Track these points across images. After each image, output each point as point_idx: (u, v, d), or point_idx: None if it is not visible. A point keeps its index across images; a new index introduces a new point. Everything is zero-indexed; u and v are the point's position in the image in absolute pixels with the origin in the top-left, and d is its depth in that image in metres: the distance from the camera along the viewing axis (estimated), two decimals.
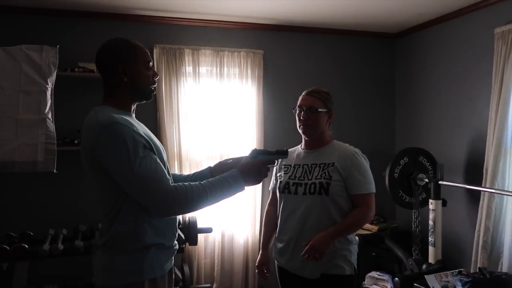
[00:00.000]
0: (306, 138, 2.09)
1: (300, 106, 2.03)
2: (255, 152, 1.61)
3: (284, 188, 2.07)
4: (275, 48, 3.79)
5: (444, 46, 3.55)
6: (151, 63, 1.60)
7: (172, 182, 1.48)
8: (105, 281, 1.49)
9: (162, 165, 1.46)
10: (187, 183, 1.49)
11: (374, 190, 1.99)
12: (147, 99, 1.60)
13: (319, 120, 2.01)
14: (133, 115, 1.59)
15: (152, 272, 1.50)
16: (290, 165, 2.11)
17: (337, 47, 3.99)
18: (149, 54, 1.60)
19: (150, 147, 1.46)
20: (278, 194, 2.13)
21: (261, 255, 2.22)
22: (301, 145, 2.15)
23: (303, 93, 2.07)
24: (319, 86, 2.10)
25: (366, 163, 2.01)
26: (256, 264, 2.23)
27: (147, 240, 1.48)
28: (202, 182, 1.50)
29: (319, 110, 1.99)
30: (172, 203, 1.43)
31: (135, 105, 1.60)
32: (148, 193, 1.41)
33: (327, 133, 2.09)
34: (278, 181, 2.13)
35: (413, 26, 3.81)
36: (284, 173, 2.11)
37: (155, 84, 1.61)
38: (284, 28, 3.76)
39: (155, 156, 1.45)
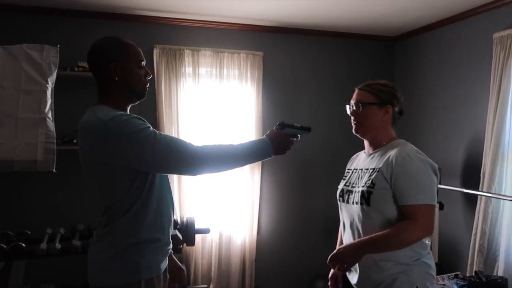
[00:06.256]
0: (362, 138, 1.84)
1: (350, 103, 1.81)
2: (282, 125, 1.66)
3: (339, 195, 1.85)
4: (274, 50, 3.79)
5: (443, 50, 3.56)
6: (143, 62, 1.56)
7: None
8: (102, 281, 1.49)
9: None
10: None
11: (426, 201, 1.61)
12: (140, 98, 1.57)
13: (368, 116, 1.73)
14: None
15: (149, 272, 1.50)
16: (350, 170, 1.90)
17: (337, 50, 4.00)
18: (141, 53, 1.57)
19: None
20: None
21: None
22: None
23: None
24: (377, 79, 1.82)
25: (421, 168, 1.66)
26: (329, 276, 1.95)
27: (143, 234, 1.47)
28: (231, 143, 1.53)
29: (366, 103, 1.73)
30: (201, 158, 1.44)
31: (129, 106, 1.58)
32: (175, 156, 1.41)
33: (386, 132, 1.78)
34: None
35: (412, 30, 3.83)
36: (343, 179, 1.90)
37: (147, 83, 1.58)
38: (284, 30, 3.77)
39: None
